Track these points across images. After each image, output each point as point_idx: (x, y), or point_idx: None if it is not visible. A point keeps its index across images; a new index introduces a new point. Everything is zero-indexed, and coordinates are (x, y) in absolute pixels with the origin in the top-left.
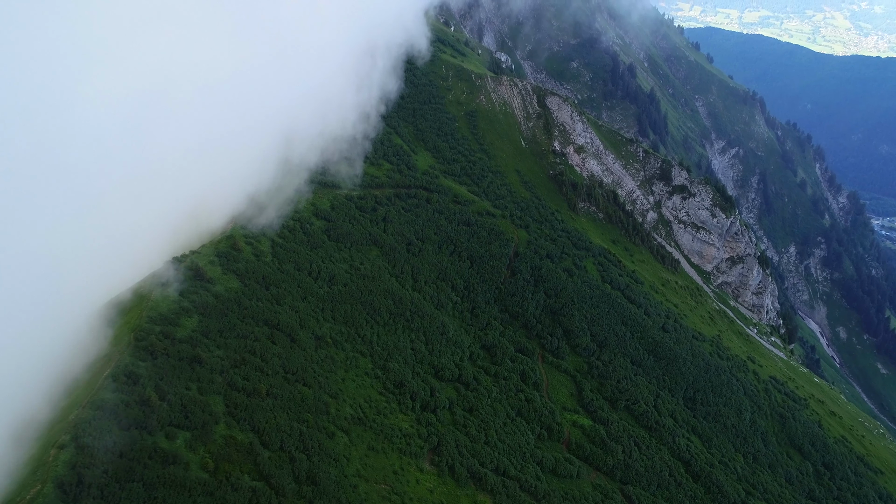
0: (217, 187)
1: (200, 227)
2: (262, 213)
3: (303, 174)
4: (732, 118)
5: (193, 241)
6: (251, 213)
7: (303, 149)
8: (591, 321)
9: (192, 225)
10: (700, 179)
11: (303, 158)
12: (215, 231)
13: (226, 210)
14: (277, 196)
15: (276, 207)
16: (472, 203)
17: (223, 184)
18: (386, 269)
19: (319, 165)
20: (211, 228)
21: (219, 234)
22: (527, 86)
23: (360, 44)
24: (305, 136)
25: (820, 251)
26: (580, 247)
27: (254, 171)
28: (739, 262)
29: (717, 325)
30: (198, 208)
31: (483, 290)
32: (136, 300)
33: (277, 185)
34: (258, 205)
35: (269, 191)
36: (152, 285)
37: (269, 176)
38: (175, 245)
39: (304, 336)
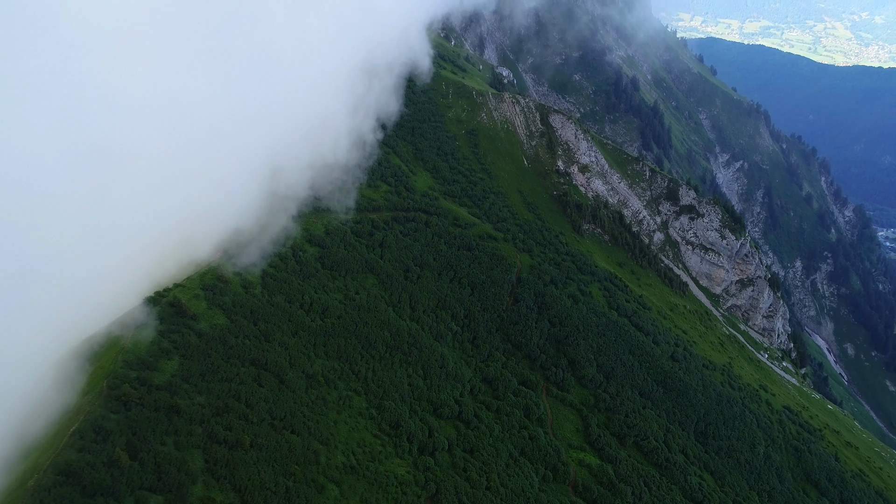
0: (204, 215)
1: (186, 258)
2: (252, 242)
3: (295, 200)
4: (737, 131)
5: (178, 272)
6: (241, 242)
7: (295, 174)
8: (598, 351)
9: (177, 256)
10: (708, 199)
11: (295, 183)
12: (202, 262)
13: (213, 239)
14: (268, 223)
15: (267, 235)
16: (472, 226)
17: (211, 212)
18: (382, 299)
19: (312, 192)
20: (197, 259)
21: (206, 265)
22: (529, 103)
23: (357, 64)
24: (298, 161)
25: (826, 266)
26: (585, 271)
27: (243, 197)
28: (750, 285)
29: (727, 351)
30: (183, 238)
31: (484, 319)
32: (111, 342)
33: (269, 211)
34: (248, 233)
35: (260, 217)
36: (130, 325)
37: (259, 202)
38: (158, 278)
39: (293, 376)
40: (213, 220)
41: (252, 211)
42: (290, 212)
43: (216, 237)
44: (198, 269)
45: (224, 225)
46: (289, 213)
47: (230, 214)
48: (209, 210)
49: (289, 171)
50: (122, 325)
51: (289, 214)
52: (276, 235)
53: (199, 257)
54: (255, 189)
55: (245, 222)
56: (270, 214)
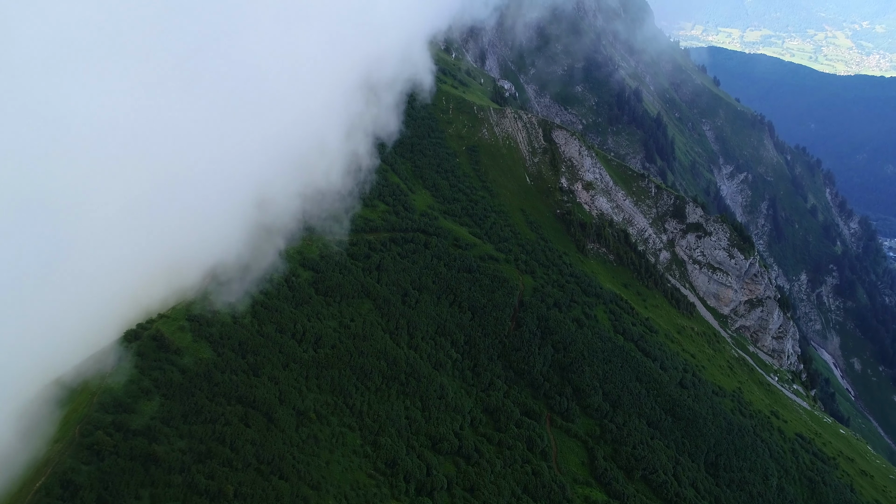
0: (191, 242)
1: (172, 287)
2: (242, 267)
3: (287, 221)
4: (741, 142)
5: (164, 301)
6: (231, 268)
7: (284, 202)
8: (604, 378)
9: (163, 284)
10: (716, 217)
11: (283, 212)
12: (189, 290)
13: (202, 266)
14: (260, 247)
15: (258, 260)
16: (473, 246)
17: (198, 238)
18: (379, 325)
19: (303, 218)
20: (184, 287)
21: (193, 294)
22: (532, 119)
23: (353, 81)
24: (288, 188)
25: (832, 279)
26: (590, 293)
27: (231, 222)
28: (759, 306)
29: (736, 375)
30: (169, 265)
31: (485, 345)
32: (86, 382)
33: (260, 236)
34: (238, 258)
35: (251, 241)
36: (107, 362)
37: (249, 226)
38: (142, 308)
39: (283, 413)
40: (201, 246)
41: (242, 236)
42: (282, 236)
43: (204, 264)
44: (184, 298)
45: (212, 252)
46: (281, 237)
47: (218, 242)
48: (196, 237)
49: (278, 200)
50: (98, 362)
51: (281, 238)
52: (268, 260)
53: (186, 285)
54: (242, 214)
55: (234, 248)
56: (261, 239)
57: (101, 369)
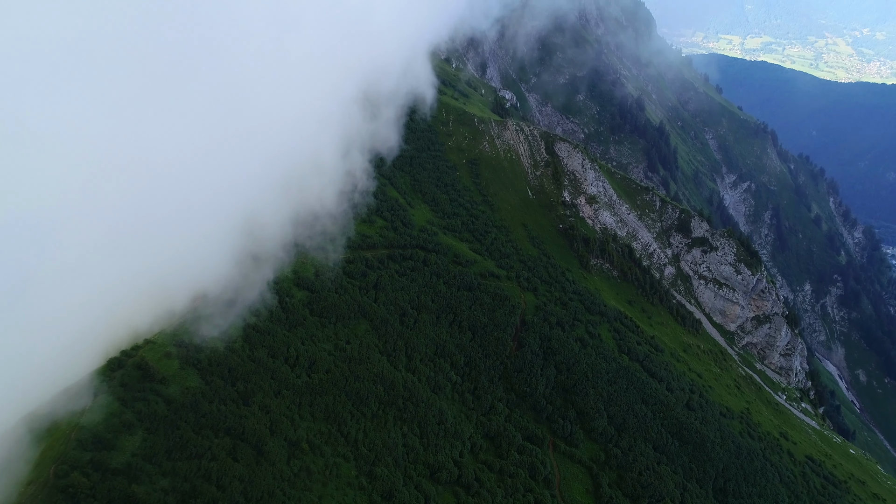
0: (179, 264)
1: (159, 310)
2: (234, 288)
3: (279, 242)
4: (744, 151)
5: (150, 326)
6: (222, 289)
7: (275, 228)
8: (608, 400)
9: (148, 308)
10: (722, 232)
11: (273, 237)
12: (177, 313)
13: (191, 288)
14: (253, 267)
15: (251, 282)
16: (474, 263)
17: (187, 259)
18: (376, 347)
19: (295, 241)
20: (172, 310)
21: (180, 317)
22: (534, 131)
23: (350, 95)
24: (278, 213)
25: (836, 289)
26: (594, 311)
27: (224, 241)
28: (766, 322)
29: (744, 394)
30: (156, 288)
31: (486, 367)
32: (65, 416)
33: (251, 257)
34: (229, 280)
35: (243, 262)
36: (87, 393)
37: (240, 248)
38: (125, 333)
39: (274, 445)
40: (190, 270)
41: (234, 256)
42: (274, 259)
43: (193, 287)
44: (172, 323)
45: (202, 274)
46: (272, 261)
47: (208, 263)
48: (184, 259)
49: (270, 220)
50: (77, 393)
51: (274, 260)
52: (261, 282)
53: (173, 309)
54: (233, 235)
55: (225, 269)
56: (253, 261)
57: (80, 402)
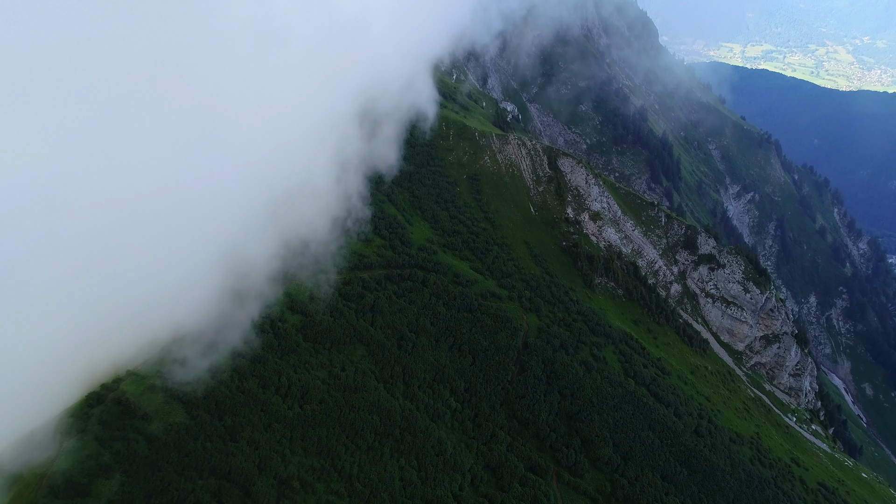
0: (161, 297)
1: (143, 340)
2: (224, 316)
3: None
4: (747, 161)
5: (132, 357)
6: (211, 317)
7: (263, 262)
8: (614, 427)
9: (132, 339)
10: (730, 248)
11: (260, 268)
12: (160, 345)
13: (173, 323)
14: (244, 294)
15: (242, 308)
16: (474, 283)
17: (169, 293)
18: (372, 374)
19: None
20: (157, 339)
21: (163, 349)
22: (537, 145)
23: (347, 112)
24: (265, 244)
25: (842, 301)
26: (598, 332)
27: (208, 272)
28: (775, 342)
29: (754, 418)
30: (137, 322)
31: (487, 393)
32: (36, 458)
33: (238, 285)
34: (218, 308)
35: (233, 290)
36: (61, 433)
37: (228, 277)
38: (107, 365)
39: (263, 484)
40: (171, 303)
41: (224, 283)
42: (266, 280)
43: (177, 321)
44: (156, 353)
45: (184, 308)
46: (265, 282)
47: (195, 292)
48: (166, 292)
49: (254, 256)
50: (51, 433)
51: (262, 295)
52: (253, 310)
53: (159, 338)
54: (218, 264)
55: (215, 297)
56: (244, 288)
57: (54, 443)
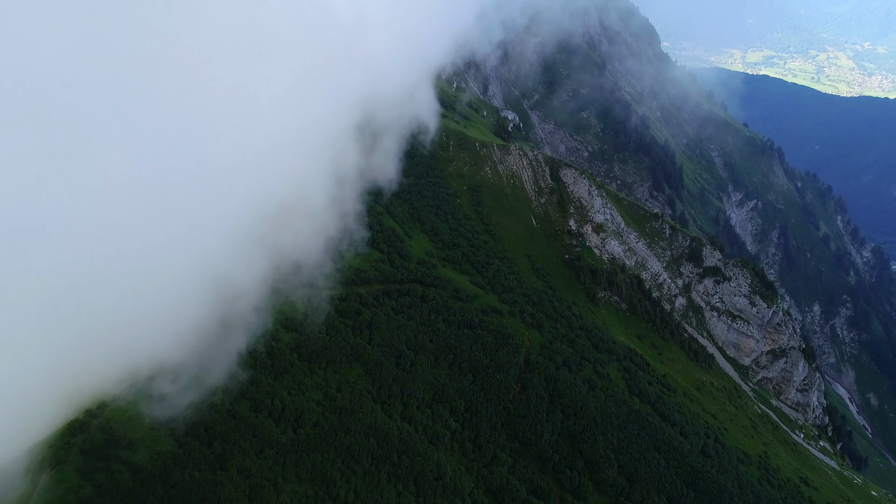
0: (147, 317)
1: (123, 369)
2: (215, 337)
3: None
4: (750, 169)
5: (119, 381)
6: (202, 339)
7: (251, 292)
8: (619, 448)
9: (112, 367)
10: (735, 261)
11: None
12: (147, 373)
13: (159, 346)
14: (236, 316)
15: (234, 326)
16: (475, 298)
17: (156, 314)
18: (369, 394)
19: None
20: (138, 370)
21: (147, 376)
22: (538, 156)
23: (347, 125)
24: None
25: (846, 310)
26: (602, 348)
27: (201, 294)
28: (782, 356)
29: (761, 436)
30: (120, 345)
31: (488, 413)
32: (9, 496)
33: (233, 306)
34: (208, 329)
35: (224, 313)
36: (39, 465)
37: (220, 298)
38: (93, 388)
39: None
40: (158, 327)
41: (214, 307)
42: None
43: (163, 346)
44: (143, 379)
45: (172, 333)
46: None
47: (182, 317)
48: (149, 322)
49: (244, 278)
50: (28, 465)
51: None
52: (246, 327)
53: (141, 369)
54: (204, 295)
55: (204, 323)
56: (237, 309)
57: (31, 476)
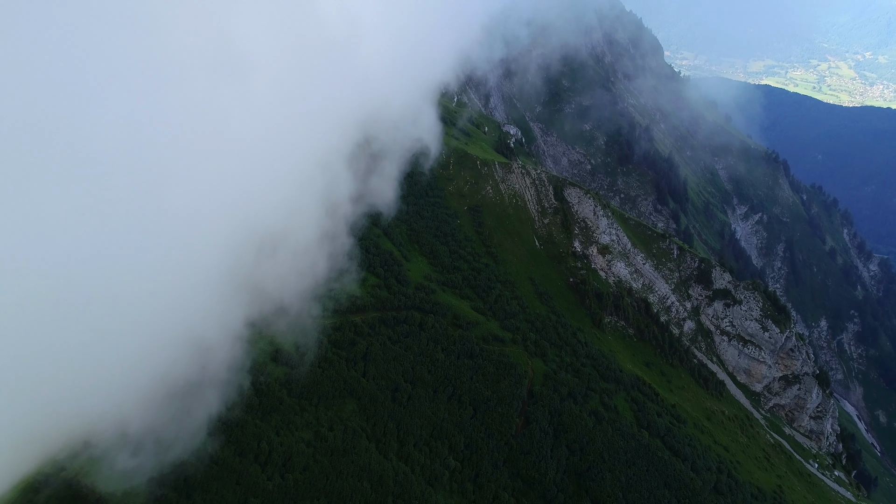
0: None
1: (99, 410)
2: (200, 375)
3: None
4: (755, 181)
5: (95, 421)
6: (186, 376)
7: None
8: (627, 486)
9: (87, 408)
10: (746, 284)
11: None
12: (125, 411)
13: (128, 405)
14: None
15: (222, 365)
16: (475, 325)
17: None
18: (363, 432)
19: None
20: (115, 410)
21: (108, 439)
22: (542, 174)
23: (343, 148)
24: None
25: (853, 325)
26: (609, 378)
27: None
28: (795, 383)
29: (775, 468)
30: (98, 384)
31: (489, 449)
32: None
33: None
34: (193, 368)
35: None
36: None
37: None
38: (58, 438)
39: None
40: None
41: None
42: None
43: (132, 401)
44: (116, 422)
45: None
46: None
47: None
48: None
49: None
50: None
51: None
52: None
53: (116, 409)
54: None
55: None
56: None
57: None
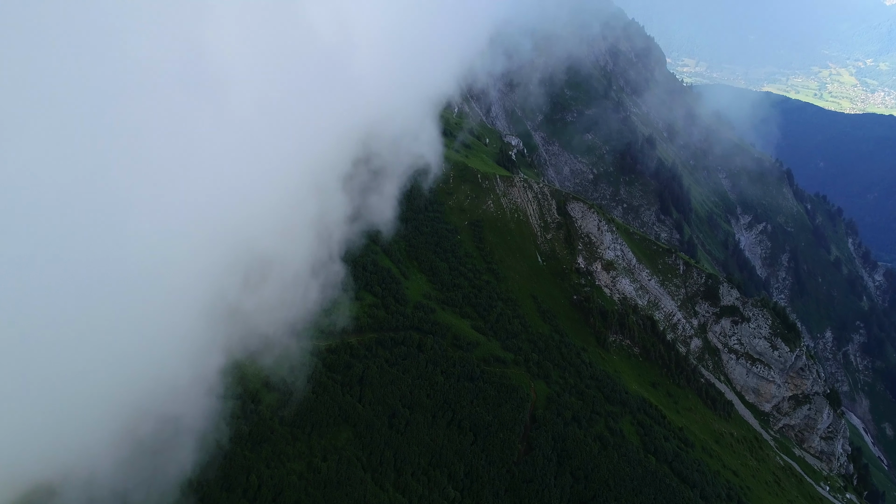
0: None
1: (77, 446)
2: (187, 401)
3: None
4: (758, 191)
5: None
6: (173, 405)
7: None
8: None
9: (66, 445)
10: (755, 300)
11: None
12: (102, 447)
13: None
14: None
15: (209, 387)
16: (476, 346)
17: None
18: (359, 462)
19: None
20: (95, 445)
21: (106, 449)
22: (544, 188)
23: (341, 165)
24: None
25: (859, 336)
26: (614, 400)
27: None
28: (805, 403)
29: (785, 492)
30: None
31: (490, 477)
32: None
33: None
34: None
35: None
36: None
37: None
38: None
39: None
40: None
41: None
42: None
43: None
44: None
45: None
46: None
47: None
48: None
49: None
50: None
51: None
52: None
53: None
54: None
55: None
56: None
57: None
